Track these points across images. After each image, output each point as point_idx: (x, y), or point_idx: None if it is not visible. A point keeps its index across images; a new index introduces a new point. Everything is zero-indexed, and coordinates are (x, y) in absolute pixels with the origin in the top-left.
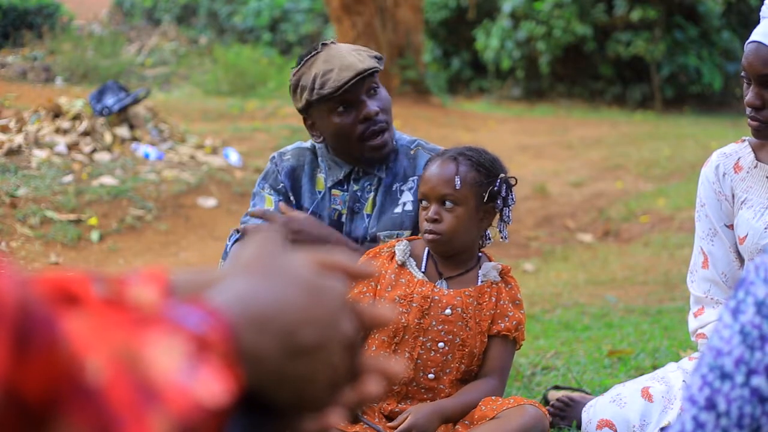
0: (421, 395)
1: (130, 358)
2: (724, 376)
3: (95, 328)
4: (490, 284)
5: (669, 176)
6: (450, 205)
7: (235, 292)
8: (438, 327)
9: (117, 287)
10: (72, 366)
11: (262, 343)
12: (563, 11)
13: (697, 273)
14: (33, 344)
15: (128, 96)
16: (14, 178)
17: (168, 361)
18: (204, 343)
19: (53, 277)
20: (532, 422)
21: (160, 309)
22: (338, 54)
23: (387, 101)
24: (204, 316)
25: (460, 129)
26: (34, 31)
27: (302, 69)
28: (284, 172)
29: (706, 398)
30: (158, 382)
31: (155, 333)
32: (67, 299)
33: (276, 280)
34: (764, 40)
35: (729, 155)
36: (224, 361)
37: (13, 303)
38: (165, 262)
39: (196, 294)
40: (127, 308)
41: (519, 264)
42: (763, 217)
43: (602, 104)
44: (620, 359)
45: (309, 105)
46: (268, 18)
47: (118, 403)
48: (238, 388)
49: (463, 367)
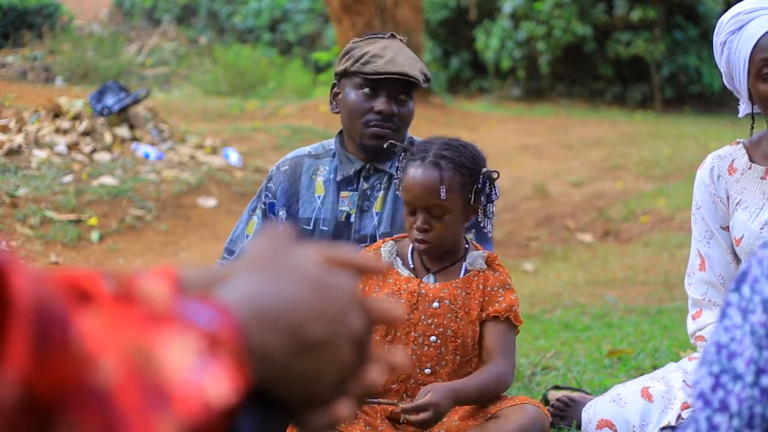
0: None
1: (142, 357)
2: (736, 378)
3: (108, 327)
4: (477, 273)
5: (669, 176)
6: (438, 213)
7: (243, 289)
8: (427, 321)
9: (127, 283)
10: (84, 366)
11: (270, 340)
12: (563, 11)
13: (694, 276)
14: (49, 343)
15: (128, 96)
16: (14, 178)
17: (181, 359)
18: (214, 340)
19: (65, 274)
20: (532, 421)
21: (171, 306)
22: (397, 49)
23: (409, 113)
24: (214, 313)
25: (460, 129)
26: (34, 31)
27: (362, 42)
28: (280, 188)
29: (720, 400)
30: (169, 382)
31: (168, 331)
32: (80, 296)
33: (283, 276)
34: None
35: (723, 157)
36: (234, 358)
37: (30, 302)
38: (165, 262)
39: (205, 291)
40: (138, 305)
41: (519, 264)
42: (759, 218)
43: (602, 104)
44: (620, 359)
45: (344, 73)
46: (268, 18)
47: (126, 405)
48: (247, 385)
49: (458, 358)
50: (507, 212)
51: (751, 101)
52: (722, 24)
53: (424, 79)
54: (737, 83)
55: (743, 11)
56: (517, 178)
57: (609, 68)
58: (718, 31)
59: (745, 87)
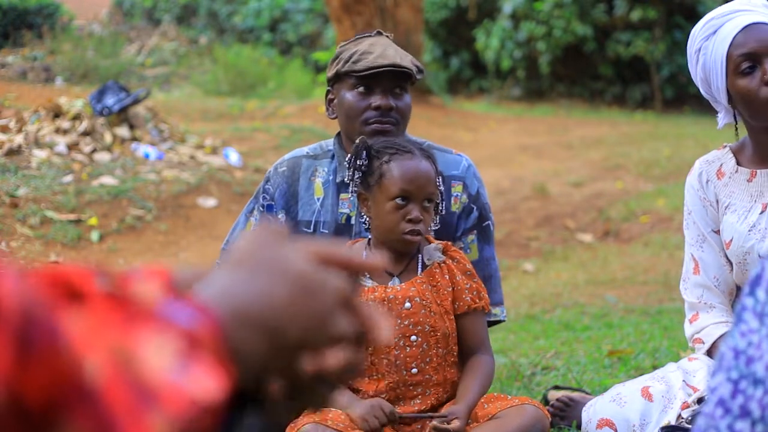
0: (411, 393)
1: (124, 357)
2: (756, 382)
3: (93, 327)
4: (438, 265)
5: (669, 176)
6: (428, 204)
7: (221, 286)
8: (404, 323)
9: (120, 283)
10: (73, 368)
11: (247, 338)
12: (563, 11)
13: (689, 280)
14: (35, 348)
15: (128, 96)
16: (14, 178)
17: (159, 359)
18: (194, 339)
19: (57, 271)
20: (532, 422)
21: (153, 306)
22: (385, 44)
23: (406, 106)
24: (193, 312)
25: (460, 129)
26: (34, 31)
27: (350, 44)
28: (279, 191)
29: (740, 406)
30: (152, 381)
31: (146, 331)
32: (70, 294)
33: (265, 273)
34: (759, 19)
35: (711, 162)
36: (215, 356)
37: (15, 306)
38: (165, 262)
39: (185, 289)
40: (125, 304)
41: (519, 264)
42: (747, 220)
43: (602, 104)
44: (620, 359)
45: (337, 77)
46: (268, 18)
47: (117, 404)
48: (230, 383)
49: (441, 351)
50: (507, 212)
51: (731, 105)
52: (695, 33)
53: (417, 71)
54: (714, 89)
55: (715, 17)
56: (517, 178)
57: (609, 68)
58: (692, 41)
59: (723, 90)
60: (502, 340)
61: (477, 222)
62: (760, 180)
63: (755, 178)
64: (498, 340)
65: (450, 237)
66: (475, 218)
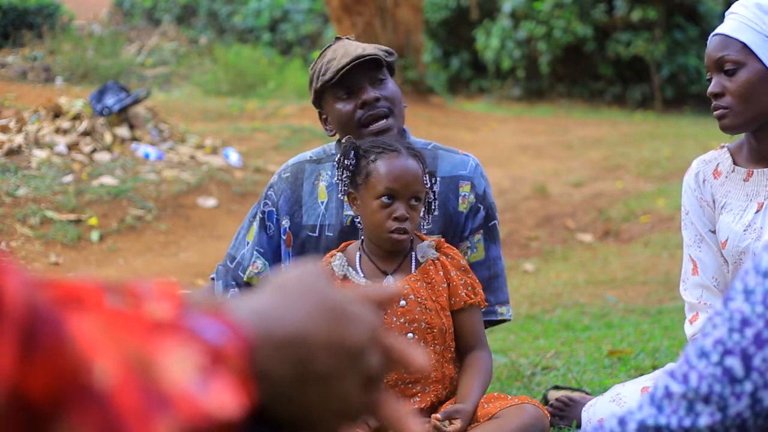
0: (410, 391)
1: (141, 363)
2: (701, 355)
3: (106, 332)
4: (432, 262)
5: (669, 176)
6: (415, 202)
7: (258, 308)
8: (400, 321)
9: (132, 301)
10: (78, 368)
11: (276, 363)
12: (563, 11)
13: (688, 280)
14: (39, 345)
15: (128, 96)
16: (14, 178)
17: (180, 370)
18: (219, 355)
19: (66, 284)
20: (532, 421)
21: (177, 318)
22: (345, 44)
23: (393, 92)
24: (223, 329)
25: (460, 129)
26: (34, 31)
27: (315, 63)
28: (283, 197)
29: (683, 374)
30: (168, 390)
31: (170, 341)
32: (77, 304)
33: (302, 300)
34: (719, 31)
35: (708, 162)
36: (238, 375)
37: (20, 304)
38: (165, 262)
39: (218, 307)
40: (141, 316)
41: (519, 264)
42: (742, 220)
43: (602, 104)
44: (620, 359)
45: (319, 97)
46: (268, 18)
47: (125, 407)
48: (250, 404)
49: (438, 347)
50: (507, 212)
51: None
52: None
53: (386, 54)
54: None
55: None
56: (517, 178)
57: (609, 68)
58: None
59: None
60: (502, 340)
61: (484, 221)
62: (756, 179)
63: (752, 177)
64: (498, 340)
65: (457, 236)
66: (482, 218)
